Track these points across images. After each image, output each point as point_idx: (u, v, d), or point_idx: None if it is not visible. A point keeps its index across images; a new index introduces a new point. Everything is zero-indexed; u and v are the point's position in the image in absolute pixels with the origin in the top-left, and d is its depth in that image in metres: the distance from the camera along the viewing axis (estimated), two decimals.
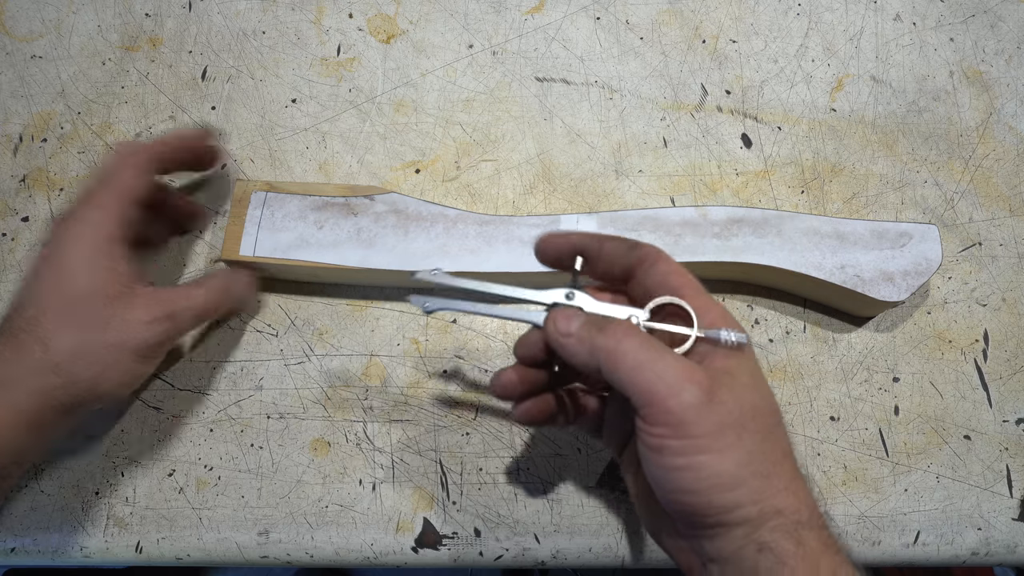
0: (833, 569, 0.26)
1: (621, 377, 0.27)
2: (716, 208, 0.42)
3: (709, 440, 0.26)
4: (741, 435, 0.26)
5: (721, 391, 0.27)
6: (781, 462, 0.27)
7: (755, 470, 0.26)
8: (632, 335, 0.28)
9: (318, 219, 0.42)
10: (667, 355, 0.27)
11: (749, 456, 0.26)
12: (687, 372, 0.27)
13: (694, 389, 0.26)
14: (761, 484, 0.26)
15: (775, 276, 0.42)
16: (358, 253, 0.41)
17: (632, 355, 0.27)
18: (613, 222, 0.42)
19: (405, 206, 0.42)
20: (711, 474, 0.26)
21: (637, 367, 0.27)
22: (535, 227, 0.42)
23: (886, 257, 0.41)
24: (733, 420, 0.26)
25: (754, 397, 0.28)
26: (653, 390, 0.26)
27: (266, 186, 0.43)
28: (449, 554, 0.40)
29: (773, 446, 0.27)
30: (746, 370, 0.28)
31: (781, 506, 0.26)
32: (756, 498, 0.26)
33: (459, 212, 0.42)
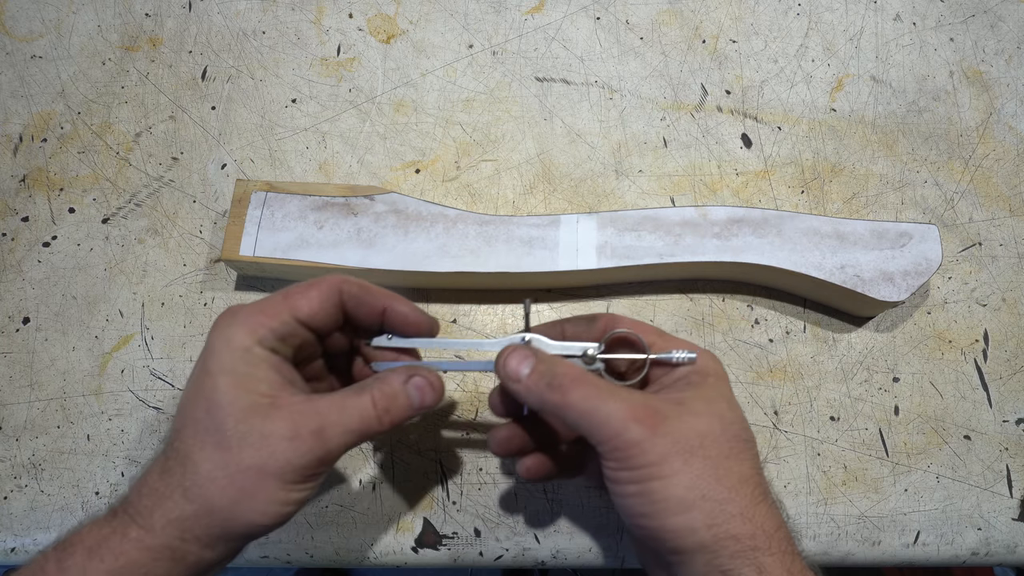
0: None
1: (573, 422, 0.29)
2: (716, 208, 0.42)
3: (655, 468, 0.28)
4: (688, 461, 0.28)
5: (668, 423, 0.28)
6: (736, 488, 0.28)
7: (704, 494, 0.27)
8: (578, 385, 0.29)
9: (318, 219, 0.42)
10: (611, 399, 0.29)
11: (697, 480, 0.27)
12: (631, 412, 0.28)
13: (636, 427, 0.28)
14: (713, 508, 0.27)
15: (775, 276, 0.42)
16: (358, 253, 0.41)
17: (579, 404, 0.29)
18: (613, 222, 0.42)
19: (405, 206, 0.42)
20: (660, 498, 0.28)
21: (585, 414, 0.29)
22: (535, 227, 0.42)
23: (886, 257, 0.40)
24: (679, 448, 0.28)
25: (704, 424, 0.29)
26: (602, 432, 0.28)
27: (266, 186, 0.43)
28: (449, 554, 0.40)
29: (726, 472, 0.28)
30: (702, 399, 0.30)
31: (736, 532, 0.27)
32: (709, 522, 0.27)
33: (459, 212, 0.42)
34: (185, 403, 0.29)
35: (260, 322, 0.30)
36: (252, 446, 0.28)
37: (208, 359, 0.29)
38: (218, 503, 0.27)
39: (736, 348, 0.43)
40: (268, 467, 0.28)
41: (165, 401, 0.42)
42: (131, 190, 0.47)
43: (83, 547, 0.27)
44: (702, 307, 0.44)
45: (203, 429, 0.28)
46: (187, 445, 0.28)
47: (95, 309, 0.44)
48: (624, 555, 0.40)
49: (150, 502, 0.28)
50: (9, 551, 0.40)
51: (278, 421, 0.28)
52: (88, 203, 0.47)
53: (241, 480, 0.28)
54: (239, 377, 0.28)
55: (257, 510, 0.28)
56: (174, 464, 0.28)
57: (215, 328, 0.30)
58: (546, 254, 0.41)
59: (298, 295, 0.31)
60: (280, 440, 0.28)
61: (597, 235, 0.41)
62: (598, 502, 0.41)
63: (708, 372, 0.31)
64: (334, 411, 0.29)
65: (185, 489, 0.28)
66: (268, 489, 0.28)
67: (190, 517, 0.27)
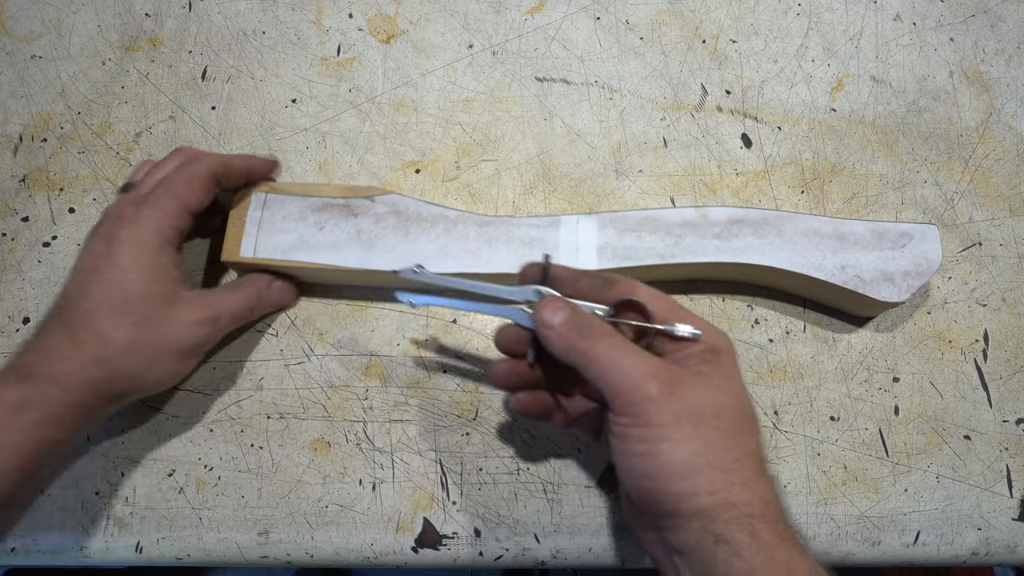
0: (788, 560, 0.27)
1: (594, 373, 0.30)
2: (716, 208, 0.42)
3: (667, 429, 0.28)
4: (699, 427, 0.29)
5: (685, 388, 0.29)
6: (741, 460, 0.29)
7: (710, 461, 0.28)
8: (607, 337, 0.30)
9: (318, 220, 0.42)
10: (635, 354, 0.30)
11: (705, 448, 0.28)
12: (651, 368, 0.29)
13: (655, 383, 0.29)
14: (716, 476, 0.28)
15: (776, 276, 0.42)
16: (359, 254, 0.41)
17: (604, 355, 0.30)
18: (613, 223, 0.42)
19: (405, 207, 0.42)
20: (667, 461, 0.28)
21: (608, 365, 0.30)
22: (536, 227, 0.42)
23: (887, 257, 0.40)
24: (692, 414, 0.29)
25: (721, 397, 0.30)
26: (620, 384, 0.29)
27: (266, 187, 0.43)
28: (449, 554, 0.40)
29: (735, 444, 0.29)
30: (720, 374, 0.31)
31: (735, 499, 0.28)
32: (711, 489, 0.28)
33: (459, 213, 0.42)
34: (92, 288, 0.35)
35: (165, 224, 0.36)
36: (163, 327, 0.35)
37: (119, 254, 0.35)
38: (128, 371, 0.35)
39: (736, 348, 0.43)
40: (174, 345, 0.36)
41: (165, 401, 0.42)
42: None
43: (5, 406, 0.32)
44: (702, 307, 0.44)
45: (119, 312, 0.34)
46: (101, 324, 0.34)
47: None
48: (624, 555, 0.40)
49: (62, 367, 0.33)
50: (9, 551, 0.40)
51: (184, 310, 0.36)
52: (88, 203, 0.47)
53: (151, 353, 0.35)
54: (150, 272, 0.35)
55: (157, 376, 0.36)
56: (87, 337, 0.34)
57: (118, 226, 0.36)
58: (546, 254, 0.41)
59: (186, 191, 0.37)
60: (186, 324, 0.36)
61: (597, 236, 0.41)
62: (598, 502, 0.41)
63: (722, 351, 0.32)
64: (223, 303, 0.38)
65: (101, 359, 0.34)
66: (170, 361, 0.36)
67: (102, 380, 0.34)
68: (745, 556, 0.27)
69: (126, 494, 0.41)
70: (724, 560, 0.27)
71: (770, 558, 0.27)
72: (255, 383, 0.43)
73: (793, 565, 0.27)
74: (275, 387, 0.43)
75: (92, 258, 0.36)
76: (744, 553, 0.27)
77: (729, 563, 0.27)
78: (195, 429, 0.42)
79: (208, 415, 0.42)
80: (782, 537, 0.28)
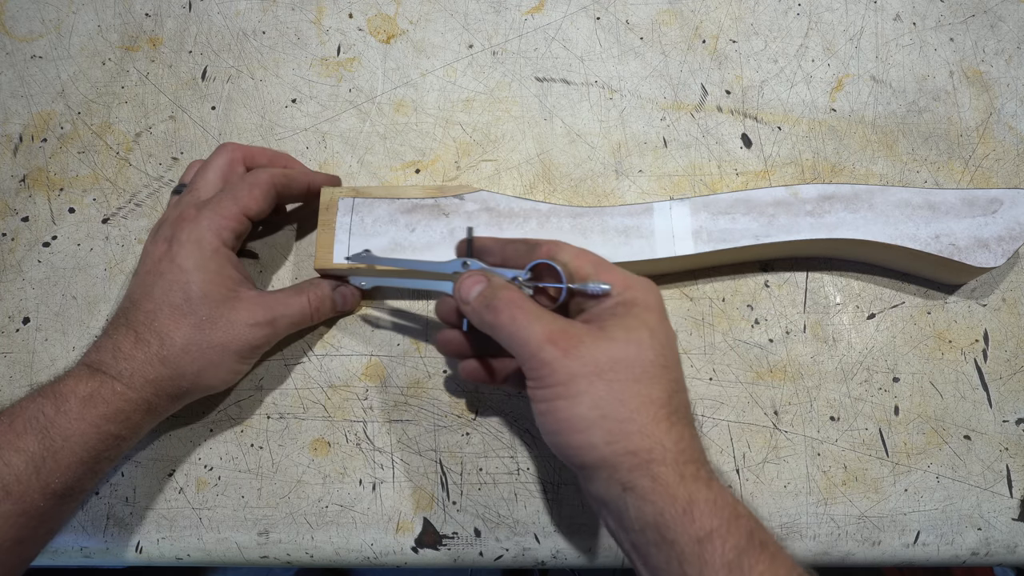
0: (688, 495, 0.29)
1: (504, 342, 0.33)
2: (806, 186, 0.42)
3: (562, 388, 0.30)
4: (593, 383, 0.30)
5: (581, 347, 0.31)
6: (640, 408, 0.30)
7: (604, 413, 0.30)
8: (511, 306, 0.32)
9: (409, 222, 0.42)
10: (537, 321, 0.32)
11: (599, 401, 0.30)
12: (548, 333, 0.31)
13: (550, 347, 0.31)
14: (612, 426, 0.30)
15: (869, 250, 0.42)
16: (453, 254, 0.40)
17: (508, 325, 0.32)
18: (706, 207, 0.42)
19: (496, 203, 0.42)
20: (564, 416, 0.30)
21: (512, 334, 0.32)
22: (629, 215, 0.42)
23: (979, 224, 0.41)
24: (587, 371, 0.30)
25: (617, 350, 0.31)
26: (523, 351, 0.31)
27: (352, 192, 0.43)
28: (449, 554, 0.40)
29: (632, 395, 0.30)
30: (622, 327, 0.32)
31: (633, 447, 0.29)
32: (608, 439, 0.30)
33: (551, 206, 0.42)
34: (154, 289, 0.36)
35: (224, 225, 0.37)
36: (222, 329, 0.36)
37: (179, 255, 0.36)
38: (189, 369, 0.36)
39: (736, 348, 0.43)
40: (231, 345, 0.37)
41: None
42: (131, 190, 0.47)
43: (76, 397, 0.33)
44: (702, 307, 0.44)
45: (180, 313, 0.36)
46: (163, 324, 0.35)
47: (95, 309, 0.44)
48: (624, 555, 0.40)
49: (129, 366, 0.35)
50: None
51: (243, 311, 0.37)
52: (88, 203, 0.47)
53: (210, 354, 0.36)
54: (211, 274, 0.37)
55: (216, 376, 0.37)
56: (150, 337, 0.35)
57: (180, 228, 0.37)
58: (643, 242, 0.41)
59: (246, 196, 0.38)
60: (244, 326, 0.37)
61: (691, 220, 0.41)
62: None
63: (636, 303, 0.33)
64: (281, 306, 0.39)
65: (163, 358, 0.35)
66: (228, 361, 0.37)
67: (165, 379, 0.35)
68: (651, 499, 0.29)
69: (126, 494, 0.41)
70: (634, 505, 0.29)
71: (672, 498, 0.28)
72: (255, 383, 0.43)
73: (693, 498, 0.28)
74: (275, 387, 0.43)
75: (153, 260, 0.37)
76: (650, 496, 0.29)
77: (639, 508, 0.29)
78: (195, 429, 0.42)
79: (208, 415, 0.42)
80: (683, 476, 0.29)
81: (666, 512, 0.28)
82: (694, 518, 0.28)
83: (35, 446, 0.32)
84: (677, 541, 0.28)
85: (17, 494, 0.31)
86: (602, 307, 0.33)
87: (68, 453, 0.32)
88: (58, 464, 0.32)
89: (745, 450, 0.42)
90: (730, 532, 0.28)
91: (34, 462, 0.32)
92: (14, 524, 0.31)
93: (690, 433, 0.31)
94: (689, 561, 0.28)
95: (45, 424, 0.32)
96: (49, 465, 0.32)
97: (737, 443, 0.42)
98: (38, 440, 0.32)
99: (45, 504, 0.32)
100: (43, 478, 0.32)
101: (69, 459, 0.32)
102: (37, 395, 0.33)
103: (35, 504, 0.32)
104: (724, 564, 0.27)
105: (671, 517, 0.28)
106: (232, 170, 0.41)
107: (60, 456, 0.32)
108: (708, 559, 0.27)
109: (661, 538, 0.28)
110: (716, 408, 0.42)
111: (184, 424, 0.42)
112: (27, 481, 0.31)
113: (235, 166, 0.41)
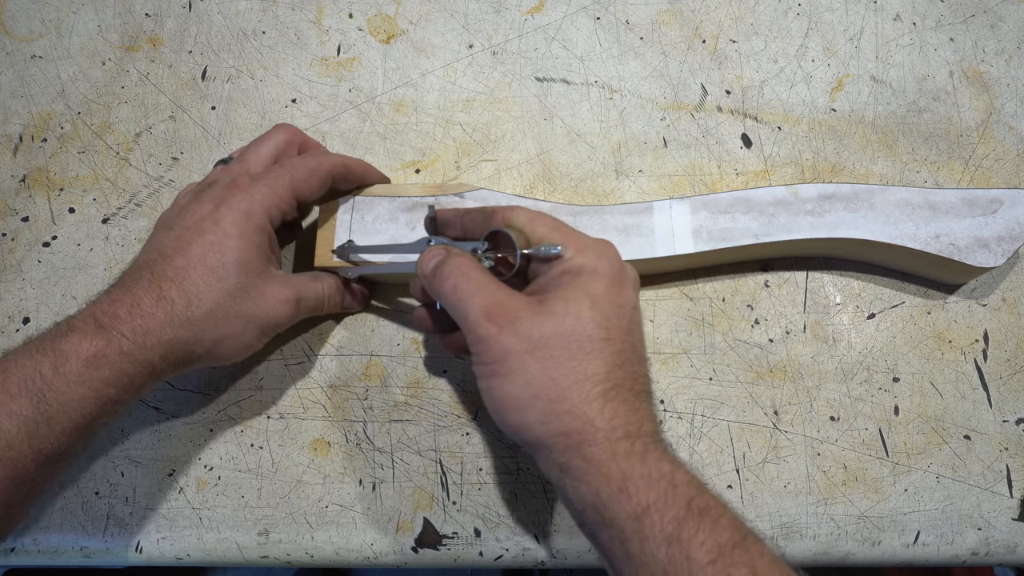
0: (622, 473, 0.28)
1: (451, 313, 0.32)
2: (806, 186, 0.42)
3: (497, 366, 0.30)
4: (525, 361, 0.29)
5: (517, 323, 0.30)
6: (573, 387, 0.29)
7: (537, 392, 0.29)
8: (457, 274, 0.32)
9: (409, 220, 0.42)
10: (476, 294, 0.31)
11: (531, 380, 0.29)
12: (484, 309, 0.30)
13: (486, 324, 0.30)
14: (544, 406, 0.29)
15: (869, 250, 0.42)
16: None
17: (452, 294, 0.32)
18: (706, 205, 0.42)
19: (496, 202, 0.42)
20: (499, 396, 0.30)
21: (455, 304, 0.32)
22: (629, 214, 0.42)
23: (979, 224, 0.41)
24: (522, 348, 0.29)
25: (553, 325, 0.30)
26: (464, 323, 0.31)
27: (353, 190, 0.43)
28: (449, 554, 0.40)
29: (565, 372, 0.29)
30: (562, 299, 0.31)
31: (565, 428, 0.29)
32: (542, 419, 0.29)
33: (552, 205, 0.42)
34: (192, 246, 0.34)
35: (274, 204, 0.36)
36: (252, 300, 0.35)
37: (225, 219, 0.35)
38: (208, 336, 0.34)
39: (736, 348, 0.43)
40: (258, 318, 0.35)
41: (165, 401, 0.42)
42: (131, 190, 0.47)
43: (79, 358, 0.31)
44: (702, 307, 0.44)
45: (215, 276, 0.34)
46: (194, 283, 0.33)
47: None
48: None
49: (145, 324, 0.32)
50: (9, 551, 0.40)
51: (274, 286, 0.36)
52: (88, 203, 0.47)
53: (235, 323, 0.34)
54: (252, 244, 0.35)
55: (231, 348, 0.35)
56: (175, 295, 0.33)
57: (231, 192, 0.36)
58: (643, 241, 0.41)
59: (303, 182, 0.38)
60: (273, 300, 0.36)
61: (692, 219, 0.41)
62: None
63: (582, 271, 0.31)
64: (304, 288, 0.38)
65: (186, 320, 0.33)
66: (249, 334, 0.35)
67: (179, 342, 0.33)
68: (586, 480, 0.28)
69: (126, 494, 0.41)
70: (572, 487, 0.29)
71: (606, 477, 0.28)
72: (255, 383, 0.43)
73: (627, 475, 0.28)
74: (275, 387, 0.43)
75: (195, 218, 0.35)
76: (584, 477, 0.28)
77: (576, 488, 0.29)
78: (195, 429, 0.42)
79: (208, 415, 0.42)
80: (615, 453, 0.28)
81: (601, 492, 0.28)
82: (630, 495, 0.27)
83: (29, 410, 0.30)
84: (616, 520, 0.28)
85: (8, 460, 0.29)
86: (549, 275, 0.32)
87: (63, 418, 0.30)
88: (52, 430, 0.30)
89: (745, 450, 0.42)
90: (667, 504, 0.27)
91: (27, 427, 0.30)
92: (4, 490, 0.30)
93: (627, 408, 0.30)
94: (629, 539, 0.27)
95: (42, 386, 0.30)
96: (43, 431, 0.30)
97: (737, 443, 0.42)
98: (32, 404, 0.30)
99: (37, 470, 0.30)
100: (36, 444, 0.30)
101: (64, 424, 0.30)
102: (35, 350, 0.31)
103: (27, 470, 0.30)
104: (664, 538, 0.27)
105: (607, 496, 0.28)
106: (286, 152, 0.40)
107: (55, 422, 0.30)
108: (647, 534, 0.27)
109: (601, 518, 0.28)
110: (716, 408, 0.42)
111: (184, 424, 0.42)
112: (19, 447, 0.29)
113: (290, 149, 0.41)
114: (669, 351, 0.43)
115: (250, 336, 0.36)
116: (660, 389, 0.43)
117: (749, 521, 0.40)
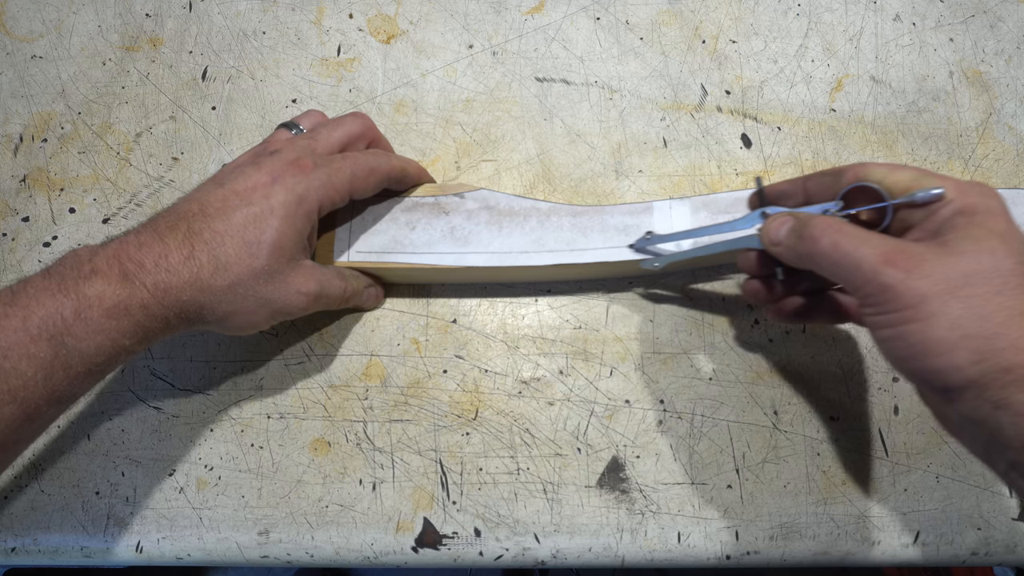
0: None
1: (828, 272, 0.31)
2: None
3: (911, 311, 0.28)
4: (947, 302, 0.28)
5: (924, 265, 0.29)
6: (1007, 322, 0.28)
7: (967, 333, 0.27)
8: (829, 234, 0.31)
9: (409, 220, 0.42)
10: (863, 244, 0.30)
11: (958, 320, 0.28)
12: (882, 255, 0.29)
13: (889, 270, 0.29)
14: (979, 345, 0.27)
15: None
16: (454, 252, 0.41)
17: (830, 253, 0.30)
18: (706, 206, 0.42)
19: (496, 202, 0.42)
20: (918, 340, 0.28)
21: (837, 262, 0.30)
22: (629, 214, 0.42)
23: None
24: (939, 289, 0.28)
25: (972, 263, 0.29)
26: (854, 278, 0.30)
27: None
28: (449, 554, 0.40)
29: (995, 308, 0.28)
30: (968, 238, 0.29)
31: (1007, 364, 0.27)
32: (975, 359, 0.27)
33: (551, 205, 0.42)
34: (235, 213, 0.34)
35: (328, 196, 0.36)
36: (274, 285, 0.35)
37: (276, 196, 0.34)
38: (222, 308, 0.34)
39: (736, 348, 0.43)
40: (274, 303, 0.35)
41: (165, 401, 0.42)
42: (132, 190, 0.47)
43: (101, 307, 0.31)
44: (702, 307, 0.44)
45: (247, 252, 0.33)
46: (227, 253, 0.33)
47: None
48: (624, 555, 0.40)
49: (167, 280, 0.32)
50: (9, 551, 0.40)
51: (299, 276, 0.36)
52: (88, 203, 0.47)
53: (251, 303, 0.34)
54: (293, 228, 0.35)
55: (239, 325, 0.35)
56: (204, 259, 0.33)
57: (292, 170, 0.35)
58: None
59: (362, 180, 0.38)
60: (294, 290, 0.36)
61: (691, 220, 0.41)
62: (598, 502, 0.41)
63: (976, 210, 0.30)
64: (328, 283, 0.38)
65: (206, 287, 0.33)
66: (260, 316, 0.35)
67: (194, 305, 0.33)
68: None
69: (126, 494, 0.41)
70: (1010, 423, 0.27)
71: None
72: (255, 383, 0.43)
73: None
74: (275, 387, 0.43)
75: (247, 185, 0.35)
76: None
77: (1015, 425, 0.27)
78: (195, 429, 0.42)
79: (208, 415, 0.42)
80: None
81: None
82: None
83: (47, 353, 0.30)
84: None
85: (23, 399, 0.30)
86: (935, 221, 0.31)
87: (79, 363, 0.31)
88: (67, 374, 0.31)
89: (745, 450, 0.42)
90: None
91: (44, 369, 0.30)
92: (16, 428, 0.30)
93: None
94: None
95: (62, 329, 0.30)
96: (59, 375, 0.30)
97: (737, 443, 0.42)
98: (51, 347, 0.30)
99: (48, 410, 0.31)
100: (50, 386, 0.30)
101: (79, 369, 0.31)
102: (56, 290, 0.31)
103: (39, 410, 0.31)
104: None
105: None
106: (356, 143, 0.40)
107: (71, 366, 0.31)
108: None
109: None
110: (716, 408, 0.42)
111: (184, 424, 0.42)
112: (35, 388, 0.30)
113: (360, 142, 0.40)
114: (669, 351, 0.43)
115: (260, 317, 0.36)
116: (660, 389, 0.43)
117: (749, 521, 0.40)
